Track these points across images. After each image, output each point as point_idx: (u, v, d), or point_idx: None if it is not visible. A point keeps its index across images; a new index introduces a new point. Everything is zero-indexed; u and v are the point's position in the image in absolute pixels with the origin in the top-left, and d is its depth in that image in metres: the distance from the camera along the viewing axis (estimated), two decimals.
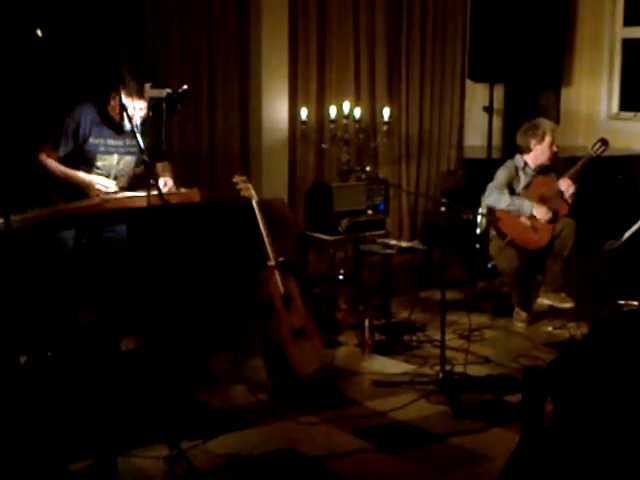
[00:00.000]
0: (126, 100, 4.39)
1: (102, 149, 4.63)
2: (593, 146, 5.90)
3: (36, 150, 4.58)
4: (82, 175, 4.57)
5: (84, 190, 4.50)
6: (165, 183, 4.54)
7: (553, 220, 5.81)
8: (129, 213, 4.26)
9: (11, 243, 3.46)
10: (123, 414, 4.02)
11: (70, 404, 3.99)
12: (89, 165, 4.62)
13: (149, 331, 4.67)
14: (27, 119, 4.97)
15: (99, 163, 4.63)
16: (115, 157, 4.68)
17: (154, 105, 4.34)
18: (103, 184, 4.53)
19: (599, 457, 2.58)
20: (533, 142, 5.94)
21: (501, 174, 5.98)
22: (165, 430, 3.78)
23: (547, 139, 5.91)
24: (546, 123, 6.04)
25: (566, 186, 5.83)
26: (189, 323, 5.20)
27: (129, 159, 4.73)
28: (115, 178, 4.69)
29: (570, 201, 5.89)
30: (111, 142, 4.64)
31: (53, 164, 4.56)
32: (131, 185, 4.71)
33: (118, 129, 4.60)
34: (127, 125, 4.44)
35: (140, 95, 4.42)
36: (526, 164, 5.98)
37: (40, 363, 4.26)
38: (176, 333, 4.21)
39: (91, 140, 4.58)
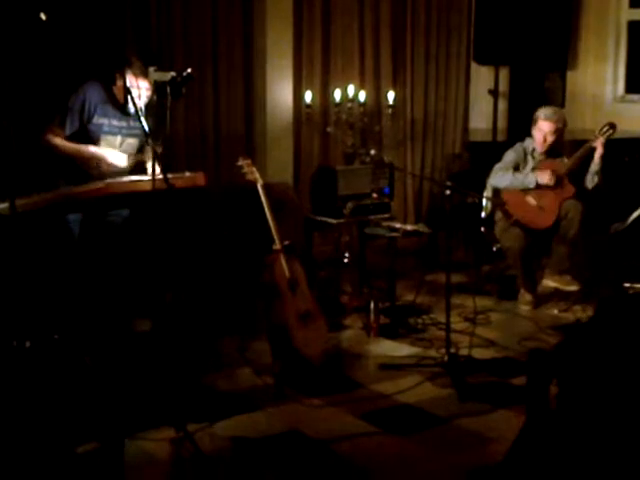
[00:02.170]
0: (131, 79, 4.39)
1: (106, 129, 4.62)
2: (600, 129, 5.88)
3: (42, 129, 4.57)
4: (94, 149, 4.57)
5: (96, 164, 4.51)
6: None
7: (558, 184, 5.79)
8: (134, 197, 4.26)
9: (16, 227, 3.47)
10: (130, 397, 4.04)
11: (77, 387, 4.00)
12: (93, 145, 4.60)
13: (157, 314, 4.67)
14: (32, 102, 4.96)
15: (102, 144, 4.63)
16: (118, 138, 4.68)
17: (158, 89, 4.34)
18: (116, 158, 4.53)
19: (604, 439, 2.59)
20: (532, 126, 5.96)
21: (508, 155, 5.99)
22: (171, 413, 3.79)
23: (538, 125, 5.91)
24: (541, 109, 6.01)
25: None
26: (196, 306, 5.21)
27: (132, 141, 4.73)
28: None
29: (596, 179, 5.89)
30: (115, 123, 4.64)
31: (61, 142, 4.55)
32: (134, 168, 4.71)
33: (123, 110, 4.59)
34: (131, 107, 4.43)
35: (145, 75, 4.41)
36: (534, 148, 5.98)
37: (46, 346, 4.27)
38: (183, 316, 4.22)
39: (95, 119, 4.58)
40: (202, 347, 4.96)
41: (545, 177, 5.79)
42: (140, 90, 4.43)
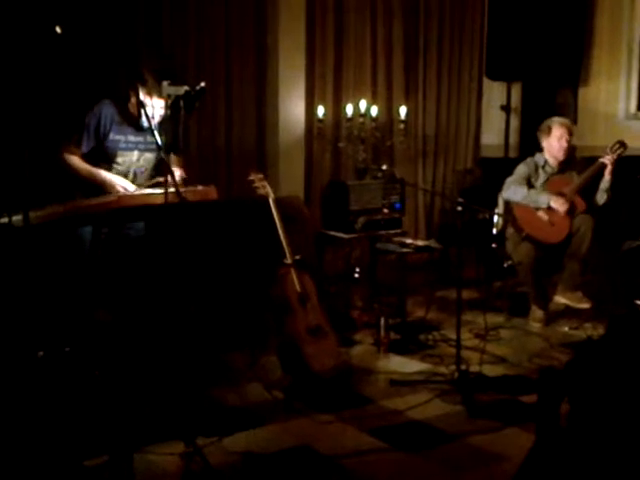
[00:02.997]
0: (144, 98, 4.41)
1: (123, 145, 4.64)
2: (612, 147, 5.88)
3: (58, 147, 4.60)
4: (104, 174, 4.58)
5: (105, 189, 4.53)
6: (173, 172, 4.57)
7: (570, 212, 5.79)
8: (146, 210, 4.27)
9: (30, 239, 3.48)
10: (139, 410, 4.04)
11: (87, 400, 4.01)
12: (109, 161, 4.63)
13: (165, 327, 4.68)
14: (47, 116, 4.99)
15: (119, 159, 4.65)
16: (135, 154, 4.70)
17: (172, 103, 4.35)
18: (123, 186, 4.55)
19: (614, 458, 2.58)
20: (542, 138, 5.97)
21: (520, 169, 6.00)
22: (181, 427, 3.79)
23: (553, 132, 5.91)
24: (553, 118, 6.04)
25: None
26: (206, 320, 5.21)
27: (149, 156, 4.75)
28: (135, 175, 4.70)
29: (606, 196, 5.88)
30: (132, 138, 4.66)
31: (77, 162, 4.58)
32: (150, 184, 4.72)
33: (138, 126, 4.61)
34: (144, 123, 4.45)
35: (159, 94, 4.43)
36: (546, 162, 5.98)
37: (57, 358, 4.28)
38: (193, 330, 4.22)
39: (112, 136, 4.60)
40: (212, 361, 4.96)
41: (558, 203, 5.78)
42: (154, 109, 4.45)
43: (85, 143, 4.57)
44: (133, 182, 4.62)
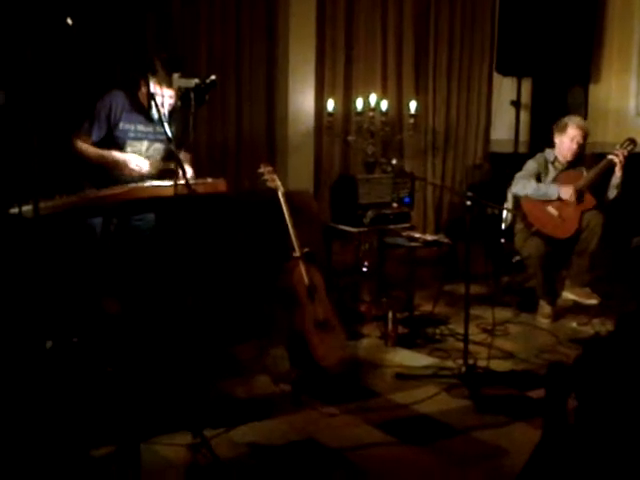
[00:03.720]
0: (155, 88, 4.42)
1: (132, 135, 4.66)
2: (622, 144, 5.86)
3: (70, 137, 4.62)
4: (117, 154, 4.62)
5: (119, 169, 4.55)
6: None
7: (579, 198, 5.78)
8: (156, 202, 4.28)
9: (39, 229, 3.49)
10: (147, 401, 4.05)
11: (94, 390, 4.02)
12: (119, 150, 4.65)
13: (173, 319, 4.69)
14: (58, 106, 5.00)
15: (129, 149, 4.67)
16: (145, 143, 4.72)
17: (182, 95, 4.36)
18: (138, 163, 4.58)
19: (621, 454, 2.58)
20: (556, 134, 5.95)
21: (530, 165, 6.00)
22: (188, 418, 3.80)
23: (568, 131, 5.89)
24: (571, 117, 6.03)
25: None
26: (214, 312, 5.22)
27: (158, 146, 4.77)
28: None
29: (616, 192, 5.87)
30: (141, 128, 4.68)
31: (88, 148, 4.61)
32: (159, 175, 4.74)
33: (148, 116, 4.63)
34: (155, 114, 4.46)
35: (169, 84, 4.44)
36: (556, 158, 5.97)
37: (66, 349, 4.30)
38: (201, 322, 4.23)
39: (121, 125, 4.62)
40: (220, 353, 4.97)
41: (568, 193, 5.78)
42: (163, 98, 4.47)
43: (95, 132, 4.60)
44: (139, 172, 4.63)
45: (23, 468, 3.31)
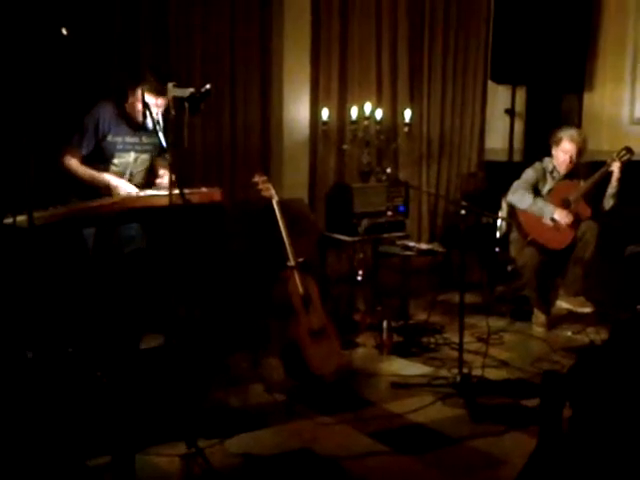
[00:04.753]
0: (147, 98, 4.42)
1: (120, 147, 4.67)
2: (618, 153, 5.87)
3: (59, 151, 4.61)
4: (107, 177, 4.61)
5: (108, 191, 4.54)
6: (164, 174, 4.62)
7: (575, 224, 5.80)
8: (150, 212, 4.28)
9: (34, 240, 3.49)
10: (141, 411, 4.04)
11: (89, 400, 4.01)
12: (107, 162, 4.65)
13: (170, 330, 4.69)
14: (49, 118, 4.99)
15: (116, 160, 4.68)
16: (132, 155, 4.72)
17: (177, 104, 4.36)
18: (126, 189, 4.57)
19: (616, 463, 2.58)
20: (552, 145, 5.96)
21: (528, 174, 5.99)
22: (183, 428, 3.79)
23: (562, 146, 5.89)
24: (566, 130, 6.01)
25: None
26: (208, 322, 5.22)
27: (145, 157, 4.78)
28: (131, 175, 4.73)
29: (612, 202, 5.88)
30: (128, 139, 4.68)
31: (77, 166, 4.60)
32: (147, 183, 4.75)
33: (135, 126, 4.63)
34: (149, 123, 4.46)
35: (160, 92, 4.45)
36: (554, 168, 5.98)
37: (60, 359, 4.29)
38: (195, 332, 4.23)
39: (110, 137, 4.62)
40: (214, 363, 4.96)
41: (562, 216, 5.78)
42: (154, 107, 4.47)
43: (85, 145, 4.60)
44: (129, 182, 4.63)
45: (19, 478, 3.30)
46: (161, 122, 4.49)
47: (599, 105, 8.22)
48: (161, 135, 3.91)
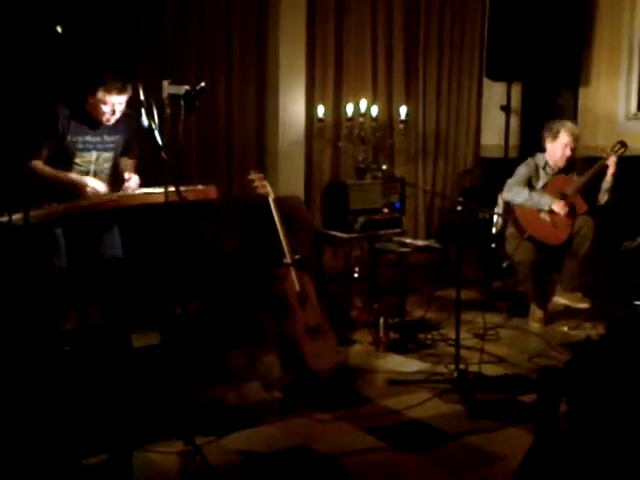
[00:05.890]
0: (108, 97, 4.44)
1: (80, 146, 4.67)
2: (613, 147, 5.87)
3: (23, 155, 4.59)
4: (72, 175, 4.62)
5: (75, 191, 4.53)
6: (130, 177, 4.61)
7: (571, 214, 5.79)
8: (146, 209, 4.28)
9: (29, 238, 3.49)
10: (139, 409, 4.04)
11: (86, 399, 4.01)
12: (68, 162, 4.65)
13: (166, 327, 4.69)
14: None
15: (78, 160, 4.68)
16: (94, 154, 4.72)
17: (172, 102, 4.36)
18: (94, 186, 4.57)
19: (613, 458, 2.58)
20: (546, 140, 5.95)
21: (521, 170, 5.98)
22: (180, 425, 3.79)
23: (560, 138, 5.89)
24: (563, 123, 6.01)
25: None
26: (205, 319, 5.22)
27: (107, 155, 4.78)
28: (95, 174, 4.73)
29: (607, 196, 5.88)
30: (89, 139, 4.69)
31: (42, 168, 4.58)
32: (113, 181, 4.75)
33: (95, 126, 4.64)
34: (144, 121, 4.45)
35: (120, 91, 4.48)
36: (547, 163, 5.98)
37: (57, 357, 4.29)
38: (192, 329, 4.22)
39: (69, 137, 4.62)
40: (211, 360, 4.96)
41: (559, 206, 5.78)
42: (115, 106, 4.51)
43: (45, 148, 4.59)
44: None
45: (15, 476, 3.30)
46: (156, 120, 4.48)
47: (594, 100, 8.22)
48: (157, 133, 3.90)
